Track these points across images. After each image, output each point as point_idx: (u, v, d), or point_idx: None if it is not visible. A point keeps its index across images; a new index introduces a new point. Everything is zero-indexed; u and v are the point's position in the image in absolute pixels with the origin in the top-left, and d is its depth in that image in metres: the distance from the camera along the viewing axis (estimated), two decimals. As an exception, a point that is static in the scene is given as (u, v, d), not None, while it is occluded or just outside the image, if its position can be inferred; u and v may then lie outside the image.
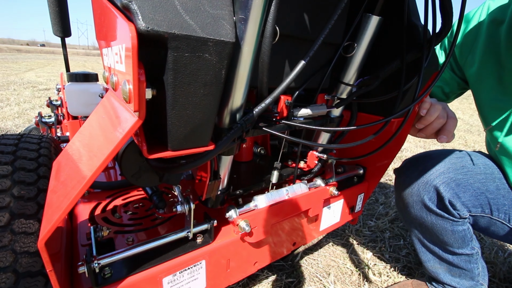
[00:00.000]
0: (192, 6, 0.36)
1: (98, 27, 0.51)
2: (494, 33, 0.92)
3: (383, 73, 0.69)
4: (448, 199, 0.87)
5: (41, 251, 0.40)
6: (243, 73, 0.48)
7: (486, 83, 0.95)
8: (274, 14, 0.47)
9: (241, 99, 0.51)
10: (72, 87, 1.23)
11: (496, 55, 0.91)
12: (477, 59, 0.96)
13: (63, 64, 1.48)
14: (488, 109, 0.95)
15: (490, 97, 0.94)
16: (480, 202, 0.90)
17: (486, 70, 0.94)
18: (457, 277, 0.98)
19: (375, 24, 0.67)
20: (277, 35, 0.54)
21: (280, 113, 0.68)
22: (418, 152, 1.23)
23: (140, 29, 0.31)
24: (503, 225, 0.92)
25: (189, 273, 0.62)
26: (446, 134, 0.84)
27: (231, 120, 0.53)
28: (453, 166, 0.92)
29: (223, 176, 0.68)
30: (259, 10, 0.42)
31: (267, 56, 0.51)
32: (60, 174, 0.53)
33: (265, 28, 0.48)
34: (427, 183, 0.91)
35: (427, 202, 0.91)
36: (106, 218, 0.73)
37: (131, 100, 0.35)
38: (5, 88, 5.40)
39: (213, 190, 0.66)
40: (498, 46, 0.90)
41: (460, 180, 0.90)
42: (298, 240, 0.90)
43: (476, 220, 0.93)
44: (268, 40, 0.49)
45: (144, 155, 0.42)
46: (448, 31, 0.62)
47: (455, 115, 0.85)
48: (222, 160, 0.65)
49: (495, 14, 0.92)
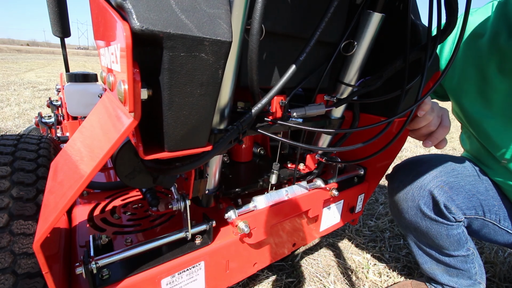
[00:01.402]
0: (188, 5, 0.35)
1: (96, 27, 0.51)
2: (473, 46, 0.92)
3: (387, 73, 0.67)
4: (443, 203, 0.87)
5: (37, 253, 0.40)
6: (228, 72, 0.47)
7: (468, 96, 0.96)
8: (260, 11, 0.46)
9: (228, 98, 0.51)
10: (72, 87, 1.23)
11: (477, 67, 0.91)
12: (457, 72, 0.97)
13: (63, 64, 1.48)
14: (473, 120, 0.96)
15: (474, 109, 0.94)
16: (473, 204, 0.91)
17: (468, 83, 0.94)
18: (455, 277, 0.98)
19: (376, 22, 0.64)
20: (263, 32, 0.53)
21: (275, 113, 0.66)
22: (418, 152, 1.22)
23: (134, 28, 0.31)
24: (494, 226, 0.93)
25: (188, 274, 0.62)
26: (432, 141, 0.84)
27: (225, 121, 0.53)
28: (444, 169, 0.93)
29: (213, 175, 0.67)
30: (241, 7, 0.42)
31: (255, 54, 0.50)
32: (57, 174, 0.53)
33: (252, 25, 0.47)
34: (421, 187, 0.91)
35: (422, 207, 0.91)
36: (105, 219, 0.73)
37: (127, 101, 0.34)
38: (5, 88, 5.41)
39: (199, 189, 0.65)
40: (479, 59, 0.90)
41: (452, 183, 0.90)
42: (298, 241, 0.90)
43: (470, 222, 0.94)
44: (255, 38, 0.48)
45: (140, 155, 0.42)
46: (453, 29, 0.60)
47: (450, 123, 0.84)
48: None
49: (474, 28, 0.92)
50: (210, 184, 0.70)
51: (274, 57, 0.62)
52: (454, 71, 0.98)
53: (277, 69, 0.64)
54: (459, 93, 0.98)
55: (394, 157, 0.94)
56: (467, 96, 0.96)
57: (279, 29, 0.58)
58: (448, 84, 1.01)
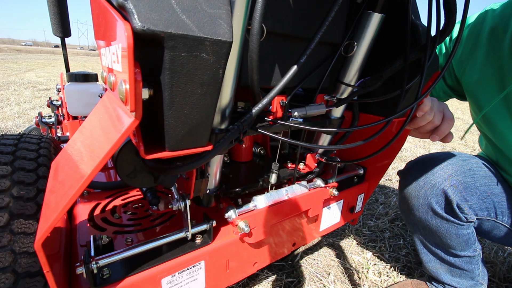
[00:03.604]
0: (189, 5, 0.35)
1: (97, 27, 0.51)
2: (495, 42, 0.89)
3: (386, 73, 0.67)
4: (456, 203, 0.86)
5: (38, 252, 0.40)
6: (229, 72, 0.48)
7: (486, 94, 0.93)
8: (260, 11, 0.46)
9: (229, 98, 0.51)
10: (72, 87, 1.23)
11: (498, 66, 0.88)
12: (477, 69, 0.94)
13: (63, 64, 1.48)
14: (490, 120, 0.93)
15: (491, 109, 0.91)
16: (486, 206, 0.89)
17: (487, 80, 0.92)
18: (457, 277, 0.98)
19: (376, 22, 0.65)
20: (264, 32, 0.53)
21: (275, 113, 0.67)
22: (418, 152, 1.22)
23: (136, 28, 0.31)
24: (505, 228, 0.92)
25: (188, 274, 0.62)
26: (439, 135, 0.83)
27: (226, 121, 0.53)
28: (460, 169, 0.91)
29: (213, 175, 0.67)
30: (242, 7, 0.42)
31: (255, 54, 0.50)
32: (58, 174, 0.53)
33: (253, 25, 0.47)
34: (434, 186, 0.90)
35: (434, 205, 0.89)
36: (105, 218, 0.73)
37: (128, 100, 0.34)
38: (5, 88, 5.41)
39: (201, 189, 0.65)
40: (500, 57, 0.87)
41: (467, 183, 0.88)
42: (298, 241, 0.90)
43: (480, 223, 0.92)
44: (255, 38, 0.48)
45: (141, 155, 0.42)
46: (452, 29, 0.60)
47: (453, 116, 0.84)
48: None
49: (497, 23, 0.89)
50: (211, 183, 0.71)
51: (274, 57, 0.62)
52: (474, 67, 0.95)
53: (277, 69, 0.64)
54: (478, 91, 0.95)
55: (394, 157, 0.94)
56: (485, 94, 0.93)
57: (279, 29, 0.58)
58: (468, 80, 0.98)
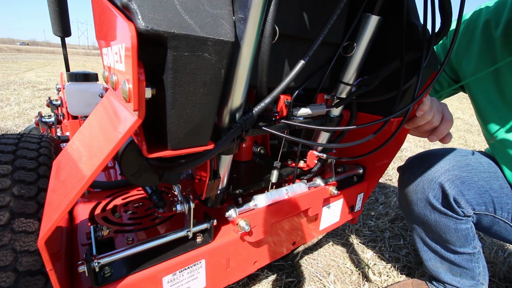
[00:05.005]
0: (192, 6, 0.36)
1: (98, 27, 0.51)
2: (489, 34, 0.92)
3: (383, 72, 0.69)
4: (453, 197, 0.87)
5: (41, 250, 0.40)
6: (243, 72, 0.48)
7: (482, 86, 0.96)
8: (273, 14, 0.47)
9: (241, 98, 0.51)
10: (72, 87, 1.23)
11: (491, 58, 0.91)
12: (473, 61, 0.97)
13: (63, 64, 1.48)
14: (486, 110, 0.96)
15: (487, 100, 0.94)
16: (484, 200, 0.90)
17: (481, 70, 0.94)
18: (458, 276, 0.98)
19: (374, 24, 0.67)
20: (277, 34, 0.54)
21: (280, 112, 0.68)
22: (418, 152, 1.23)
23: (139, 28, 0.32)
24: (505, 224, 0.92)
25: (189, 272, 0.62)
26: (437, 136, 0.84)
27: (231, 120, 0.53)
28: (457, 164, 0.92)
29: (222, 176, 0.68)
30: (258, 9, 0.42)
31: (266, 56, 0.51)
32: (60, 173, 0.53)
33: (265, 27, 0.48)
34: (432, 180, 0.91)
35: (431, 199, 0.91)
36: (106, 218, 0.73)
37: (131, 99, 0.35)
38: (5, 88, 5.40)
39: (212, 190, 0.66)
40: (493, 49, 0.90)
41: (464, 178, 0.89)
42: (298, 240, 0.90)
43: (479, 218, 0.93)
44: (267, 40, 0.49)
45: (144, 154, 0.42)
46: (447, 31, 0.62)
47: (452, 116, 0.85)
48: (222, 159, 0.65)
49: (491, 17, 0.92)
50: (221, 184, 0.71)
51: (279, 58, 0.63)
52: (470, 60, 0.98)
53: (280, 69, 0.65)
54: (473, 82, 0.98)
55: (393, 156, 0.94)
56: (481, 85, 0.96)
57: (287, 31, 0.60)
58: (464, 72, 1.01)
